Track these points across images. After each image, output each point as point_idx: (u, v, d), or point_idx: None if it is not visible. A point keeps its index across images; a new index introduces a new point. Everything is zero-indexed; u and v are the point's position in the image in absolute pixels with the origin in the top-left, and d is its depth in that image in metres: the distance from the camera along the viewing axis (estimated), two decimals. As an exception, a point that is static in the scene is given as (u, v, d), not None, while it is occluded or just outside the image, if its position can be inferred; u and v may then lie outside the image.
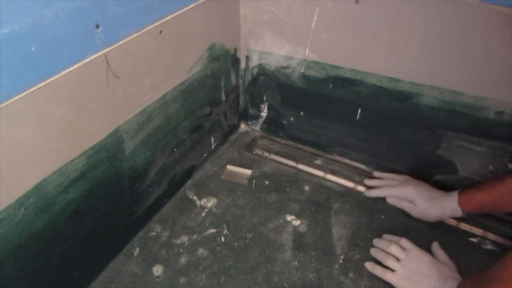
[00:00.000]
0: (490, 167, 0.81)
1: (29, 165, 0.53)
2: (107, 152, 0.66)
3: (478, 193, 0.76)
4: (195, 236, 0.81)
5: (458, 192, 0.79)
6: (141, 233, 0.82)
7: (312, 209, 0.87)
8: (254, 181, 0.94)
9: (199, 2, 0.75)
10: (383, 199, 0.88)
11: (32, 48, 0.48)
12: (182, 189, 0.92)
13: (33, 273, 0.59)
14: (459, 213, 0.78)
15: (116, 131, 0.66)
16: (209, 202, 0.89)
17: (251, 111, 1.08)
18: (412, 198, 0.83)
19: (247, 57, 0.98)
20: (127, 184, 0.73)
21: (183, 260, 0.76)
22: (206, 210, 0.87)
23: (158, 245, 0.79)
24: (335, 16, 0.80)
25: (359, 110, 0.90)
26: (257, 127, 1.11)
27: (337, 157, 1.01)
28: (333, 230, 0.82)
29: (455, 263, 0.72)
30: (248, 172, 0.96)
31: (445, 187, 0.88)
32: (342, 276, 0.73)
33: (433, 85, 0.77)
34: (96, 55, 0.57)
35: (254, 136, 1.09)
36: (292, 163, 0.99)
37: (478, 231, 0.81)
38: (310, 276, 0.73)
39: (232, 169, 0.97)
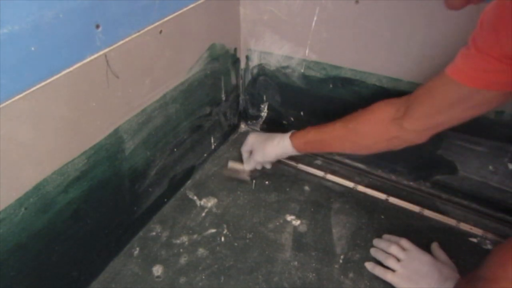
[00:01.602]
0: (490, 167, 0.81)
1: (29, 165, 0.53)
2: (107, 152, 0.66)
3: (310, 132, 0.81)
4: (195, 236, 0.81)
5: (292, 132, 0.84)
6: (141, 233, 0.82)
7: (312, 209, 0.87)
8: (254, 181, 0.94)
9: (199, 2, 0.75)
10: (382, 199, 0.88)
11: (32, 48, 0.48)
12: (182, 189, 0.92)
13: (33, 273, 0.59)
14: (290, 149, 0.84)
15: (116, 131, 0.66)
16: (209, 202, 0.89)
17: (251, 111, 1.08)
18: (251, 145, 0.90)
19: (247, 57, 0.98)
20: (127, 184, 0.73)
21: (183, 260, 0.76)
22: (206, 210, 0.87)
23: (158, 245, 0.79)
24: (335, 16, 0.80)
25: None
26: (257, 127, 1.11)
27: (337, 157, 1.01)
28: (333, 230, 0.82)
29: (455, 263, 0.72)
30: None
31: (445, 187, 0.89)
32: (342, 276, 0.73)
33: (433, 85, 0.77)
34: (96, 55, 0.57)
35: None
36: (292, 163, 0.99)
37: (478, 231, 0.81)
38: (310, 276, 0.73)
39: (234, 166, 0.96)
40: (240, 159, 0.98)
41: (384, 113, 0.71)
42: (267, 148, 0.87)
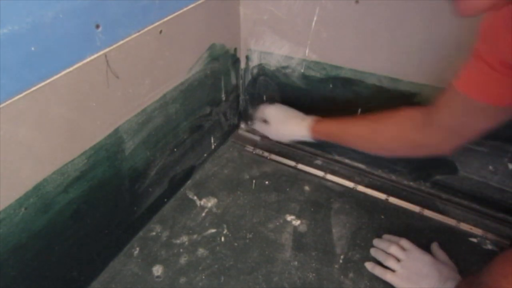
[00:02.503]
0: (490, 167, 0.81)
1: (29, 165, 0.53)
2: (107, 152, 0.65)
3: (332, 125, 0.81)
4: (195, 236, 0.81)
5: (314, 118, 0.83)
6: (141, 233, 0.82)
7: (312, 209, 0.87)
8: (254, 181, 0.94)
9: (199, 2, 0.75)
10: (382, 199, 0.88)
11: (32, 48, 0.48)
12: (182, 189, 0.92)
13: (33, 273, 0.59)
14: (306, 137, 0.83)
15: (116, 131, 0.66)
16: (209, 202, 0.89)
17: (251, 111, 1.08)
18: (270, 115, 0.89)
19: (247, 57, 0.98)
20: (127, 184, 0.73)
21: (183, 260, 0.76)
22: (206, 210, 0.87)
23: (158, 245, 0.79)
24: (335, 16, 0.80)
25: (359, 110, 0.90)
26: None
27: (337, 157, 1.01)
28: (333, 230, 0.82)
29: (455, 263, 0.72)
30: (256, 139, 1.02)
31: (445, 187, 0.89)
32: (342, 276, 0.73)
33: (433, 85, 0.77)
34: (96, 55, 0.57)
35: (254, 136, 1.09)
36: (292, 163, 0.99)
37: (478, 231, 0.81)
38: (310, 276, 0.73)
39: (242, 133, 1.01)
40: (238, 163, 0.99)
41: (411, 119, 0.70)
42: (283, 131, 0.86)
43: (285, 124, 0.87)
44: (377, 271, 0.72)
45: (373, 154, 0.90)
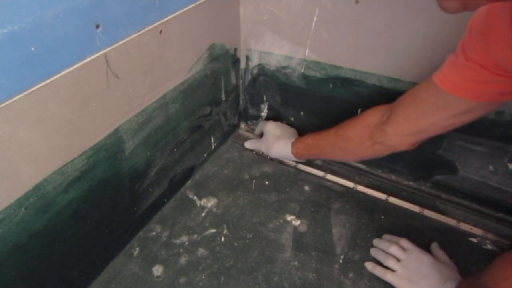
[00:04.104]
0: (490, 167, 0.81)
1: (29, 165, 0.53)
2: (107, 152, 0.65)
3: (308, 137, 0.85)
4: (195, 236, 0.81)
5: (296, 138, 0.88)
6: (141, 233, 0.82)
7: (312, 209, 0.87)
8: (254, 181, 0.94)
9: (199, 2, 0.75)
10: (382, 199, 0.88)
11: (32, 48, 0.48)
12: (182, 189, 0.92)
13: (33, 273, 0.59)
14: (290, 155, 0.88)
15: (116, 131, 0.66)
16: (209, 202, 0.89)
17: (251, 111, 1.08)
18: (265, 132, 0.95)
19: (247, 57, 0.98)
20: (127, 184, 0.73)
21: (183, 260, 0.76)
22: (206, 210, 0.87)
23: (158, 245, 0.79)
24: (335, 16, 0.80)
25: (359, 110, 0.90)
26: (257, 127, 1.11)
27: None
28: (333, 230, 0.82)
29: (455, 263, 0.72)
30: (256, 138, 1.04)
31: (445, 187, 0.89)
32: (342, 276, 0.73)
33: (433, 85, 0.77)
34: (96, 55, 0.57)
35: (254, 136, 1.09)
36: (292, 163, 0.99)
37: (478, 231, 0.81)
38: (310, 276, 0.73)
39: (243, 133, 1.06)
40: (238, 163, 1.00)
41: (371, 118, 0.72)
42: (273, 147, 0.92)
43: (275, 143, 0.92)
44: (377, 271, 0.72)
45: (353, 161, 0.94)
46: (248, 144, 1.02)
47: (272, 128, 0.96)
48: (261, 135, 1.03)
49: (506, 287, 0.52)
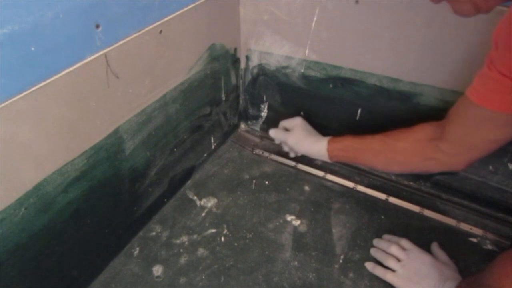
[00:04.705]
0: (490, 167, 0.81)
1: (29, 165, 0.53)
2: (107, 152, 0.65)
3: (347, 138, 0.80)
4: (195, 236, 0.81)
5: (331, 137, 0.84)
6: (141, 233, 0.82)
7: (312, 209, 0.87)
8: (254, 181, 0.94)
9: (199, 2, 0.75)
10: (382, 199, 0.88)
11: (32, 48, 0.48)
12: (182, 189, 0.92)
13: (33, 273, 0.59)
14: (323, 152, 0.82)
15: (116, 131, 0.66)
16: (209, 202, 0.89)
17: (251, 111, 1.08)
18: (293, 126, 0.90)
19: (247, 57, 0.98)
20: (127, 184, 0.73)
21: (183, 260, 0.76)
22: (206, 210, 0.87)
23: (158, 245, 0.79)
24: (335, 16, 0.80)
25: (359, 110, 0.90)
26: (257, 127, 1.11)
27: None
28: (333, 230, 0.82)
29: (455, 263, 0.72)
30: (256, 139, 1.02)
31: (445, 187, 0.89)
32: (342, 276, 0.73)
33: (433, 85, 0.77)
34: (96, 55, 0.57)
35: (254, 136, 1.09)
36: (292, 163, 0.99)
37: (478, 231, 0.81)
38: (310, 276, 0.73)
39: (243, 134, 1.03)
40: (238, 163, 0.99)
41: (424, 132, 0.70)
42: (305, 142, 0.86)
43: (306, 138, 0.86)
44: (378, 271, 0.72)
45: (398, 172, 0.90)
46: (273, 133, 0.93)
47: (303, 123, 0.90)
48: (286, 129, 0.94)
49: (508, 285, 0.52)
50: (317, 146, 0.84)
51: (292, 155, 0.96)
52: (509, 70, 0.51)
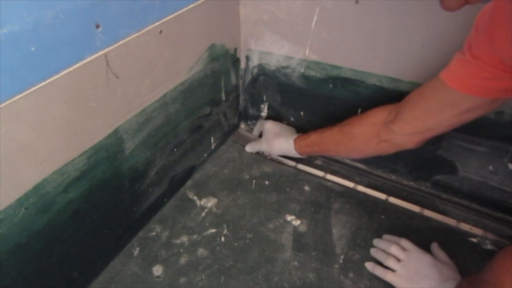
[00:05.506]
0: (490, 167, 0.81)
1: (29, 165, 0.53)
2: (107, 152, 0.65)
3: (312, 135, 0.86)
4: (195, 236, 0.81)
5: (298, 135, 0.90)
6: (141, 233, 0.82)
7: (312, 209, 0.87)
8: (254, 181, 0.94)
9: (199, 2, 0.75)
10: (382, 199, 0.88)
11: (32, 48, 0.48)
12: (182, 189, 0.92)
13: (33, 273, 0.59)
14: (292, 151, 0.89)
15: (116, 131, 0.66)
16: (209, 202, 0.89)
17: (251, 111, 1.08)
18: (264, 131, 0.94)
19: (247, 57, 0.98)
20: (127, 184, 0.73)
21: (183, 260, 0.76)
22: (206, 210, 0.87)
23: (158, 245, 0.79)
24: (335, 16, 0.80)
25: (359, 110, 0.90)
26: (257, 127, 1.11)
27: (337, 157, 1.01)
28: (333, 230, 0.82)
29: (455, 263, 0.72)
30: (256, 139, 1.03)
31: (445, 187, 0.89)
32: (342, 276, 0.73)
33: (433, 85, 0.77)
34: (96, 55, 0.57)
35: (254, 136, 1.09)
36: (292, 163, 0.99)
37: (478, 231, 0.81)
38: (310, 276, 0.73)
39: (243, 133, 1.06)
40: (238, 163, 1.00)
41: (377, 116, 0.72)
42: (275, 144, 0.93)
43: (275, 140, 0.93)
44: (378, 271, 0.72)
45: (359, 158, 0.95)
46: (248, 148, 1.02)
47: (271, 126, 0.96)
48: (260, 135, 1.03)
49: (508, 280, 0.52)
50: (286, 146, 0.90)
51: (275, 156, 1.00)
52: (485, 54, 0.51)
